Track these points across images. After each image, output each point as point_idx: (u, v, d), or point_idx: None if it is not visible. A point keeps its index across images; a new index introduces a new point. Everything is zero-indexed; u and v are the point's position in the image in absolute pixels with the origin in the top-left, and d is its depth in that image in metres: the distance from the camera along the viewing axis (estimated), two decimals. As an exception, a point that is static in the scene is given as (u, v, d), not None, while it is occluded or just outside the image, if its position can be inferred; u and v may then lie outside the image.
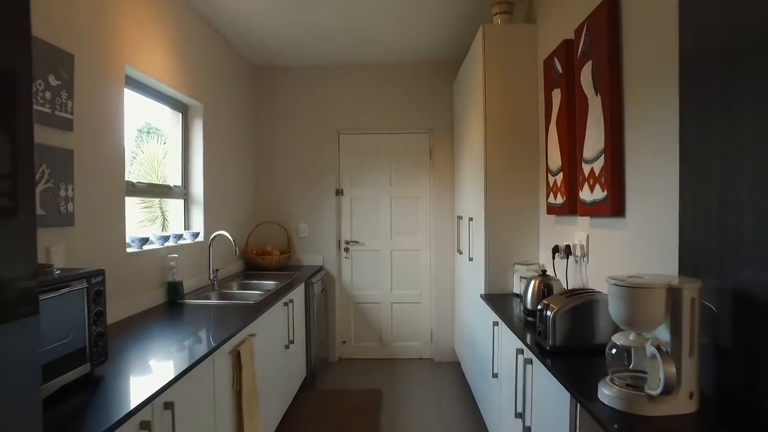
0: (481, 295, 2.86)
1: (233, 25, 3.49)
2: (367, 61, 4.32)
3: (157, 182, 3.08)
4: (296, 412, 3.30)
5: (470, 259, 3.33)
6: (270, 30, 3.58)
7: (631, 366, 1.33)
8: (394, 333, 4.50)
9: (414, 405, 3.47)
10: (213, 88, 3.48)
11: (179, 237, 2.96)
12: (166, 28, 2.78)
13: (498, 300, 2.66)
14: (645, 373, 1.28)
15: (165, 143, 3.23)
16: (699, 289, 1.23)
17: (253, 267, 4.09)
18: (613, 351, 1.32)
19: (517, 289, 2.69)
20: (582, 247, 2.20)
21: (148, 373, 1.58)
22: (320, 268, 4.29)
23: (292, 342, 3.17)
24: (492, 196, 2.87)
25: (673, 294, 1.22)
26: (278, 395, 2.92)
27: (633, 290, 1.23)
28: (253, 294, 3.05)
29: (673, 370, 1.17)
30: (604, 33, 1.91)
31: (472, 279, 3.30)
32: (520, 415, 2.01)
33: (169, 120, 3.21)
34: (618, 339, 1.30)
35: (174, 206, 3.23)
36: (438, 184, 4.37)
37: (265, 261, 4.05)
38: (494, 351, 2.49)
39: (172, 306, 2.62)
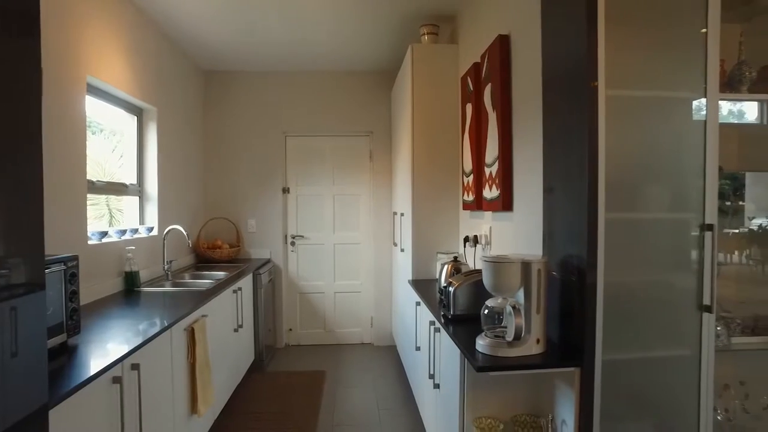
0: (408, 281, 3.29)
1: (185, 33, 3.74)
2: (312, 68, 4.67)
3: (108, 180, 3.31)
4: (245, 390, 3.61)
5: (402, 250, 3.76)
6: (220, 37, 3.85)
7: (503, 323, 1.76)
8: (337, 320, 4.88)
9: (354, 383, 3.87)
10: (166, 93, 3.73)
11: (135, 231, 3.21)
12: (123, 38, 3.03)
13: (422, 284, 3.09)
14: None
15: (118, 143, 3.46)
16: (544, 263, 1.67)
17: (204, 260, 4.35)
18: (486, 312, 1.75)
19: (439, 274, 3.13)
20: (486, 236, 2.66)
21: (116, 342, 1.88)
22: (268, 261, 4.61)
23: (240, 326, 3.48)
24: (418, 194, 3.31)
25: (526, 267, 1.66)
26: (228, 373, 3.23)
27: (496, 265, 1.66)
28: (205, 282, 3.35)
29: (522, 322, 1.61)
30: (498, 61, 2.36)
31: (403, 267, 3.73)
32: (432, 376, 2.43)
33: (123, 122, 3.43)
34: (489, 302, 1.73)
35: (128, 203, 3.46)
36: (377, 183, 4.78)
37: (215, 254, 4.32)
38: (417, 327, 2.91)
39: (130, 293, 2.88)
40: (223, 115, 4.72)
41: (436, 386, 2.36)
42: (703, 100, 1.65)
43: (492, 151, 2.46)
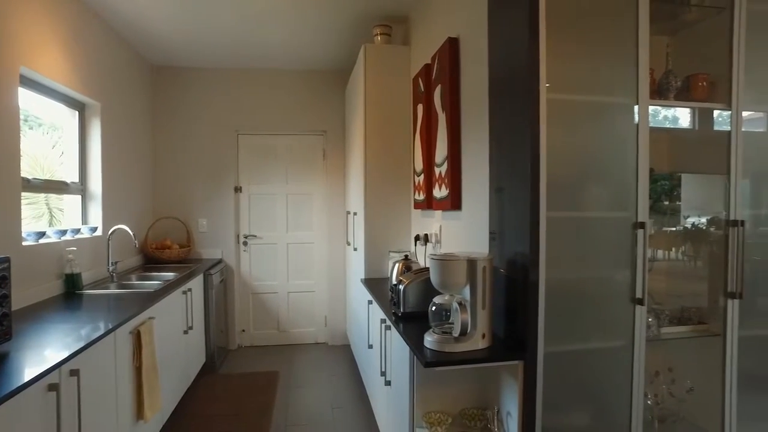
0: (361, 280, 3.31)
1: (133, 26, 3.61)
2: (266, 65, 4.61)
3: (45, 178, 3.16)
4: (196, 393, 3.53)
5: (355, 249, 3.78)
6: (170, 32, 3.74)
7: (450, 319, 1.81)
8: (291, 320, 4.84)
9: (308, 382, 3.85)
10: (111, 87, 3.58)
11: (77, 231, 3.07)
12: (62, 29, 2.89)
13: (374, 283, 3.11)
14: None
15: (59, 139, 3.30)
16: (490, 261, 1.73)
17: (152, 261, 4.21)
18: (434, 309, 1.79)
19: (392, 273, 3.17)
20: (436, 235, 2.72)
21: (53, 348, 1.80)
22: (219, 261, 4.51)
23: (191, 328, 3.40)
24: (370, 194, 3.33)
25: (471, 264, 1.71)
26: (178, 376, 3.15)
27: (443, 262, 1.70)
28: (153, 284, 3.25)
29: (468, 318, 1.66)
30: (447, 63, 2.41)
31: (356, 266, 3.75)
32: (383, 374, 2.46)
33: (64, 117, 3.27)
34: (436, 300, 1.78)
35: (70, 202, 3.31)
36: (331, 182, 4.78)
37: (164, 255, 4.19)
38: (369, 325, 2.94)
39: (70, 296, 2.76)
40: (173, 112, 4.59)
41: (388, 383, 2.39)
42: (636, 106, 1.75)
43: (441, 151, 2.51)
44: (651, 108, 2.09)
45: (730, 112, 1.85)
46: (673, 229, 2.18)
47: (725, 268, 1.87)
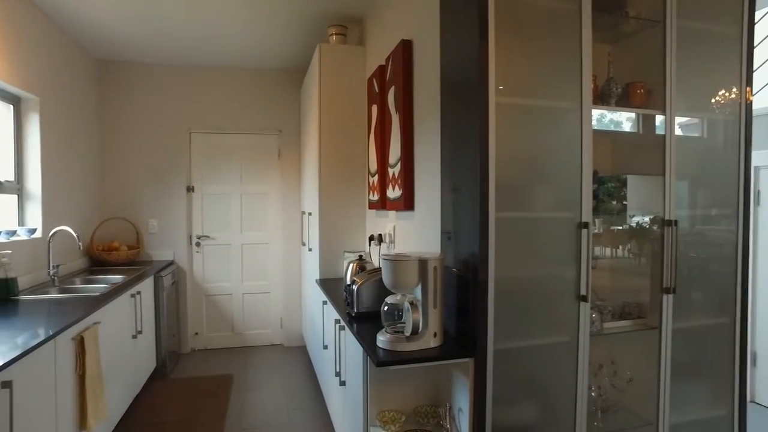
0: (316, 280, 3.30)
1: (72, 16, 3.44)
2: (219, 63, 4.50)
3: (-16, 177, 2.98)
4: (145, 400, 3.42)
5: (310, 250, 3.76)
6: (115, 25, 3.59)
7: (402, 319, 1.83)
8: (245, 322, 4.76)
9: (263, 385, 3.80)
10: (51, 81, 3.41)
11: (12, 233, 2.91)
12: (-5, 20, 2.73)
13: (329, 283, 3.11)
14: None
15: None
16: (441, 260, 1.76)
17: (99, 263, 4.04)
18: (386, 308, 1.81)
19: (347, 273, 3.17)
20: (390, 235, 2.74)
21: (-14, 357, 1.70)
22: (171, 263, 4.38)
23: (140, 332, 3.29)
24: (325, 194, 3.32)
25: (423, 264, 1.73)
26: (125, 383, 3.04)
27: (394, 263, 1.72)
28: (99, 287, 3.12)
29: (419, 317, 1.69)
30: (401, 65, 2.44)
31: (311, 267, 3.73)
32: (338, 374, 2.46)
33: (-3, 112, 3.09)
34: (389, 299, 1.79)
35: (4, 202, 3.12)
36: (286, 182, 4.73)
37: (112, 257, 4.03)
38: (324, 326, 2.93)
39: (4, 303, 2.61)
40: (121, 108, 4.41)
41: (342, 383, 2.39)
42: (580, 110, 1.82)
43: (395, 152, 2.54)
44: (599, 112, 2.20)
45: (664, 117, 1.95)
46: (620, 228, 2.27)
47: (661, 265, 1.98)
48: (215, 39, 3.90)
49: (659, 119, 2.13)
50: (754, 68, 3.71)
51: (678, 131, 2.37)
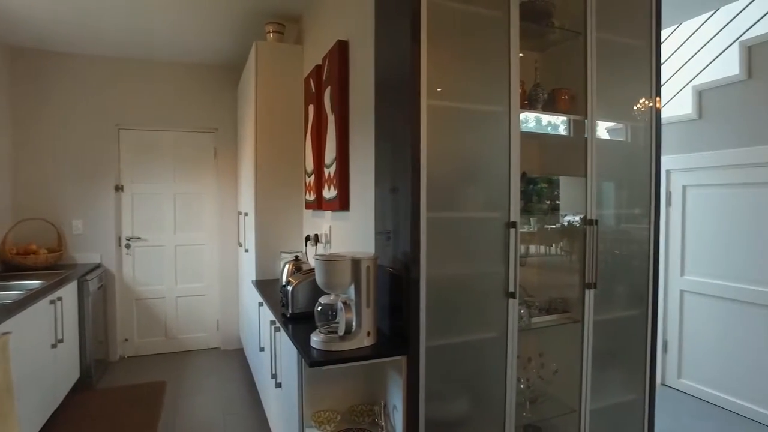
0: (252, 281, 3.24)
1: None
2: (151, 56, 4.31)
3: None
4: (66, 413, 3.21)
5: (246, 251, 3.68)
6: (29, 9, 3.33)
7: (336, 318, 1.83)
8: (180, 326, 4.59)
9: (198, 390, 3.68)
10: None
11: None
12: None
13: (266, 284, 3.06)
14: (341, 322, 1.79)
15: None
16: (374, 260, 1.78)
17: (13, 268, 3.75)
18: (319, 309, 1.81)
19: (284, 274, 3.13)
20: (326, 235, 2.73)
21: None
22: (98, 266, 4.15)
23: (60, 341, 3.09)
24: (262, 194, 3.27)
25: (356, 264, 1.75)
26: (42, 397, 2.85)
27: (327, 263, 1.72)
28: (11, 294, 2.90)
29: (352, 316, 1.70)
30: (337, 66, 2.44)
31: (247, 268, 3.66)
32: (274, 376, 2.43)
33: None
34: (322, 300, 1.79)
35: None
36: (222, 181, 4.60)
37: (29, 261, 3.76)
38: (260, 327, 2.88)
39: None
40: (40, 101, 4.12)
41: (279, 385, 2.36)
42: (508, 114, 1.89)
43: (331, 152, 2.53)
44: (534, 115, 2.30)
45: (586, 121, 2.07)
46: (553, 227, 2.37)
47: (584, 262, 2.10)
48: (145, 31, 3.73)
49: (587, 124, 2.25)
50: (666, 80, 4.02)
51: (606, 135, 2.53)
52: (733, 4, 3.62)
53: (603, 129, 2.48)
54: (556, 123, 2.42)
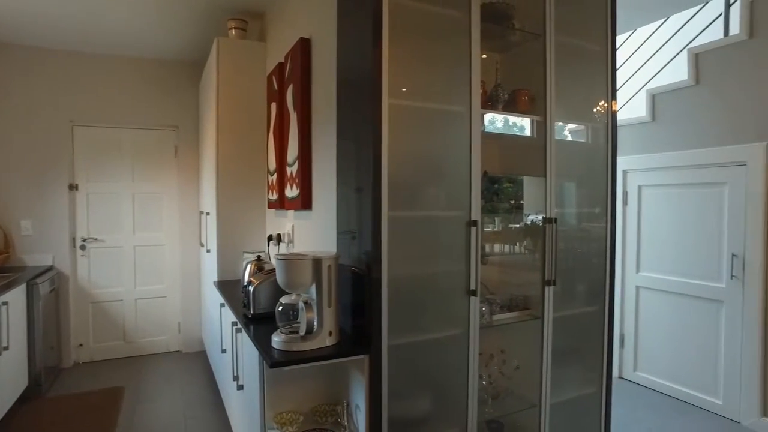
0: (214, 282, 3.17)
1: None
2: (108, 50, 4.17)
3: None
4: (12, 424, 3.07)
5: (208, 251, 3.61)
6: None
7: (298, 318, 1.81)
8: (139, 329, 4.45)
9: (158, 395, 3.57)
10: None
11: None
12: None
13: (228, 285, 3.00)
14: (303, 322, 1.77)
15: None
16: (335, 259, 1.77)
17: (-44, 271, 3.56)
18: (281, 309, 1.78)
19: (247, 274, 3.08)
20: (289, 234, 2.70)
21: None
22: (50, 268, 3.98)
23: (5, 348, 2.95)
24: (223, 193, 3.20)
25: (317, 263, 1.73)
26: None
27: (288, 262, 1.70)
28: (-47, 299, 2.75)
29: (314, 316, 1.69)
30: (299, 63, 2.41)
31: (209, 268, 3.58)
32: (236, 378, 2.39)
33: None
34: (283, 300, 1.77)
35: None
36: (183, 180, 4.49)
37: (-27, 263, 3.58)
38: (222, 329, 2.82)
39: None
40: (-19, 95, 3.92)
41: (240, 387, 2.32)
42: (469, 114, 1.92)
43: (293, 150, 2.51)
44: (500, 116, 2.33)
45: (545, 122, 2.12)
46: (517, 225, 2.41)
47: (543, 259, 2.14)
48: (103, 24, 3.60)
49: (546, 124, 2.29)
50: (623, 83, 4.16)
51: (568, 136, 2.59)
52: (682, 13, 3.78)
53: (566, 130, 2.54)
54: (522, 124, 2.45)
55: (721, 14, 3.59)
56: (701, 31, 3.65)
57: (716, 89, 3.28)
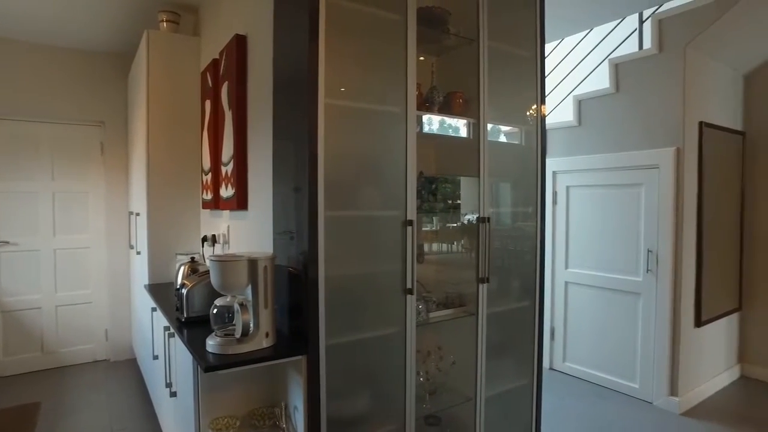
0: (145, 286, 3.03)
1: None
2: (25, 37, 3.86)
3: None
4: None
5: (138, 253, 3.44)
6: None
7: (234, 321, 1.77)
8: (60, 339, 4.16)
9: (82, 408, 3.36)
10: None
11: None
12: None
13: (160, 288, 2.88)
14: (239, 324, 1.73)
15: None
16: (271, 260, 1.75)
17: None
18: (215, 311, 1.74)
19: (180, 277, 2.97)
20: (224, 235, 2.64)
21: None
22: (-45, 275, 3.64)
23: None
24: (155, 193, 3.07)
25: (252, 264, 1.70)
26: None
27: (222, 263, 1.66)
28: None
29: (249, 318, 1.66)
30: (235, 61, 2.36)
31: (140, 271, 3.42)
32: (169, 385, 2.30)
33: None
34: (218, 302, 1.73)
35: None
36: (111, 179, 4.25)
37: None
38: (153, 334, 2.71)
39: None
40: None
41: (173, 394, 2.24)
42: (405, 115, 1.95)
43: (228, 149, 2.45)
44: (437, 117, 2.37)
45: (479, 124, 2.19)
46: (455, 225, 2.47)
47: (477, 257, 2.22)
48: (19, 7, 3.33)
49: (492, 127, 2.36)
50: (553, 88, 4.38)
51: (503, 138, 2.69)
52: (605, 25, 4.03)
53: (502, 132, 2.64)
54: (459, 125, 2.52)
55: (636, 29, 3.86)
56: (620, 44, 3.91)
57: (633, 97, 3.53)
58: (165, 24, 3.23)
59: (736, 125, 3.83)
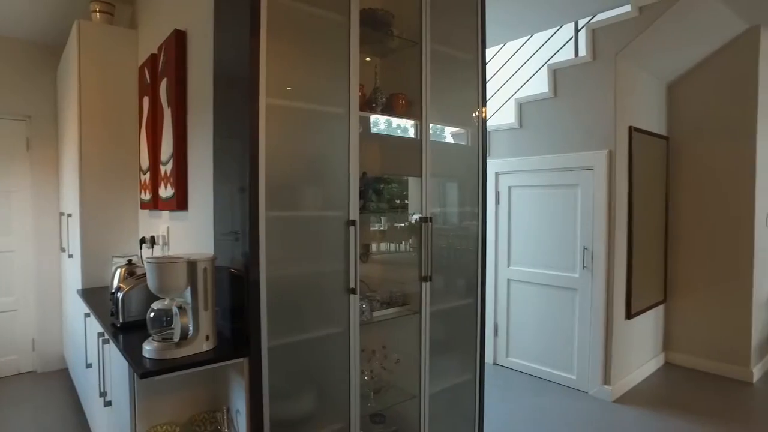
0: (77, 290, 2.88)
1: None
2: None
3: None
4: None
5: (70, 256, 3.26)
6: None
7: (173, 324, 1.72)
8: (-20, 350, 3.87)
9: (4, 426, 3.13)
10: None
11: None
12: None
13: (95, 293, 2.75)
14: (177, 328, 1.68)
15: None
16: (211, 261, 1.71)
17: None
18: (152, 315, 1.68)
19: (116, 280, 2.84)
20: (164, 237, 2.55)
21: None
22: None
23: None
24: (88, 192, 2.92)
25: (192, 266, 1.66)
26: None
27: (159, 266, 1.61)
28: None
29: (188, 321, 1.62)
30: (174, 57, 2.29)
31: (72, 276, 3.24)
32: (103, 394, 2.19)
33: None
34: (155, 305, 1.67)
35: None
36: (39, 177, 4.00)
37: None
38: (87, 342, 2.58)
39: None
40: None
41: (108, 404, 2.14)
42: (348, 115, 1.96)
43: (167, 148, 2.37)
44: (384, 118, 2.39)
45: (421, 125, 2.23)
46: (402, 225, 2.49)
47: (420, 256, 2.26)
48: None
49: (435, 127, 2.40)
50: (495, 91, 4.51)
51: (450, 139, 2.74)
52: (545, 32, 4.21)
53: (448, 133, 2.69)
54: (406, 126, 2.54)
55: (572, 38, 4.06)
56: (557, 50, 4.10)
57: (570, 102, 3.70)
58: (98, 14, 3.08)
59: (660, 130, 4.10)
